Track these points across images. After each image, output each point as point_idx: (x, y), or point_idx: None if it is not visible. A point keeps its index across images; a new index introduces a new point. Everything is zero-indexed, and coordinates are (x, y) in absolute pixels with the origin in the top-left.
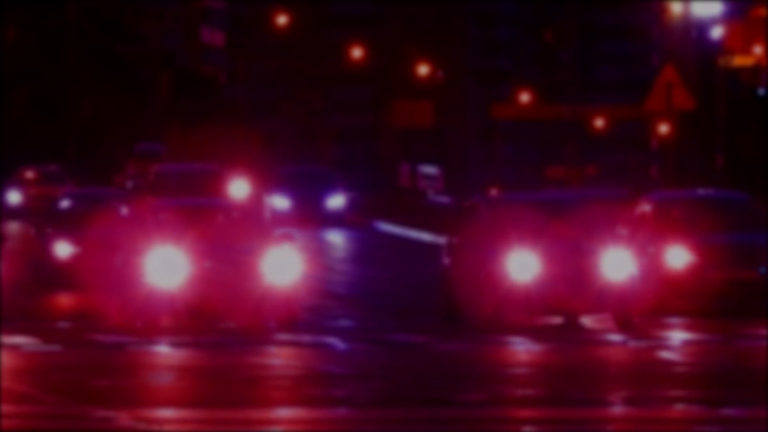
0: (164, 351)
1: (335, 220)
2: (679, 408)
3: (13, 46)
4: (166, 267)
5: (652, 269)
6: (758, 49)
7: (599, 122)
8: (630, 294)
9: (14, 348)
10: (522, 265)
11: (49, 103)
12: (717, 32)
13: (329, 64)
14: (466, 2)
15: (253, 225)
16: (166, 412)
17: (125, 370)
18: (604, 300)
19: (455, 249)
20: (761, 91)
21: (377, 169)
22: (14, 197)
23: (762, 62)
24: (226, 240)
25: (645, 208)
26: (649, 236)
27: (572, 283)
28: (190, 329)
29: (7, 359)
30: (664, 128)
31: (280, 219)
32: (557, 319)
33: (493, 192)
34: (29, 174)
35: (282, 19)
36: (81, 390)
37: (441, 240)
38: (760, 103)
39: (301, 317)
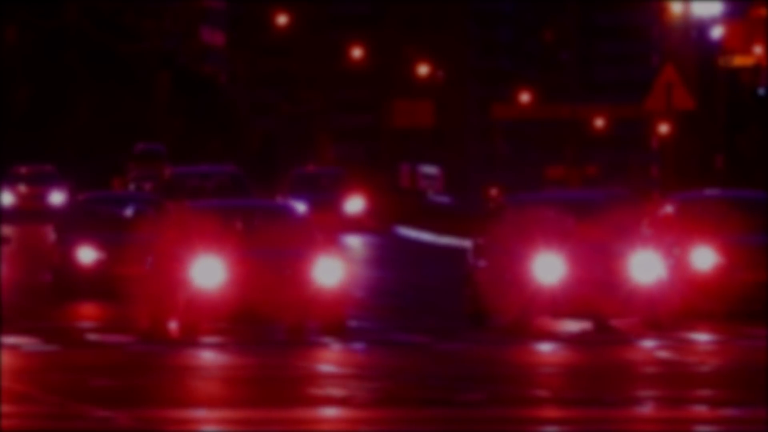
0: (164, 351)
1: (354, 224)
2: (679, 408)
3: (13, 46)
4: (209, 271)
5: (679, 271)
6: (758, 49)
7: (599, 122)
8: (660, 297)
9: (14, 348)
10: (549, 267)
11: (49, 103)
12: (717, 32)
13: (329, 64)
14: (466, 2)
15: (298, 228)
16: (166, 412)
17: (125, 370)
18: (634, 303)
19: (481, 250)
20: (761, 91)
21: (378, 170)
22: (6, 198)
23: (762, 62)
24: (273, 243)
25: (669, 208)
26: (674, 237)
27: (600, 286)
28: (224, 333)
29: (7, 359)
30: (664, 128)
31: None
32: (584, 322)
33: (521, 192)
34: (21, 174)
35: (282, 19)
36: (81, 390)
37: (460, 243)
38: (760, 103)
39: (348, 323)
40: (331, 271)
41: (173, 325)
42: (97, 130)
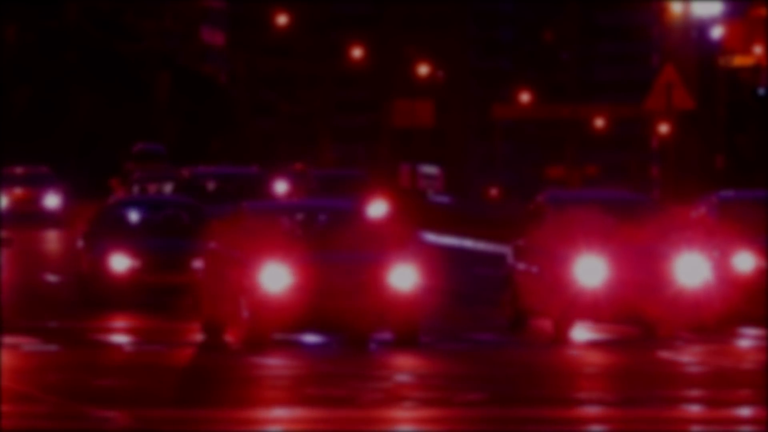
0: (164, 351)
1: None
2: (679, 408)
3: (13, 46)
4: (276, 277)
5: (719, 274)
6: (758, 49)
7: (599, 122)
8: (706, 300)
9: (14, 348)
10: (591, 269)
11: (49, 103)
12: (717, 32)
13: (329, 64)
14: (466, 2)
15: (369, 229)
16: (166, 412)
17: (125, 370)
18: (679, 307)
19: (522, 252)
20: (761, 91)
21: (379, 170)
22: (3, 201)
23: (762, 62)
24: (345, 246)
25: (705, 210)
26: (712, 240)
27: (645, 289)
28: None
29: (7, 359)
30: (664, 128)
31: None
32: (629, 326)
33: (560, 191)
34: (15, 175)
35: (282, 19)
36: (81, 390)
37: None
38: (760, 103)
39: (422, 330)
40: (406, 276)
41: (233, 334)
42: (96, 130)
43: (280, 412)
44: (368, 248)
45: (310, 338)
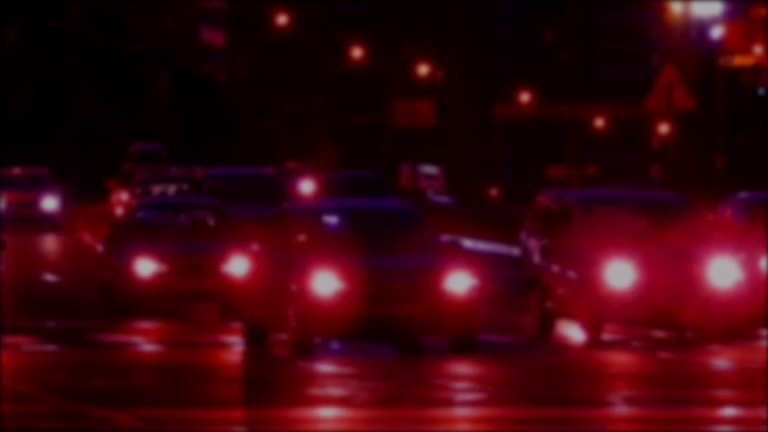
0: (166, 351)
1: None
2: (678, 408)
3: (13, 46)
4: (324, 281)
5: (747, 276)
6: (758, 49)
7: (599, 122)
8: (738, 304)
9: (14, 348)
10: (621, 272)
11: (49, 104)
12: (717, 32)
13: (329, 64)
14: (466, 2)
15: (420, 232)
16: (166, 412)
17: (125, 370)
18: (710, 310)
19: (549, 253)
20: (761, 91)
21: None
22: (2, 203)
23: (762, 62)
24: (396, 250)
25: (728, 211)
26: (738, 241)
27: (676, 292)
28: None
29: (7, 359)
30: (664, 128)
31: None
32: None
33: (589, 190)
34: (12, 177)
35: (282, 19)
36: (81, 390)
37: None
38: (760, 103)
39: (478, 336)
40: (460, 280)
41: (279, 340)
42: (96, 130)
43: (280, 412)
44: (419, 251)
45: (358, 343)
